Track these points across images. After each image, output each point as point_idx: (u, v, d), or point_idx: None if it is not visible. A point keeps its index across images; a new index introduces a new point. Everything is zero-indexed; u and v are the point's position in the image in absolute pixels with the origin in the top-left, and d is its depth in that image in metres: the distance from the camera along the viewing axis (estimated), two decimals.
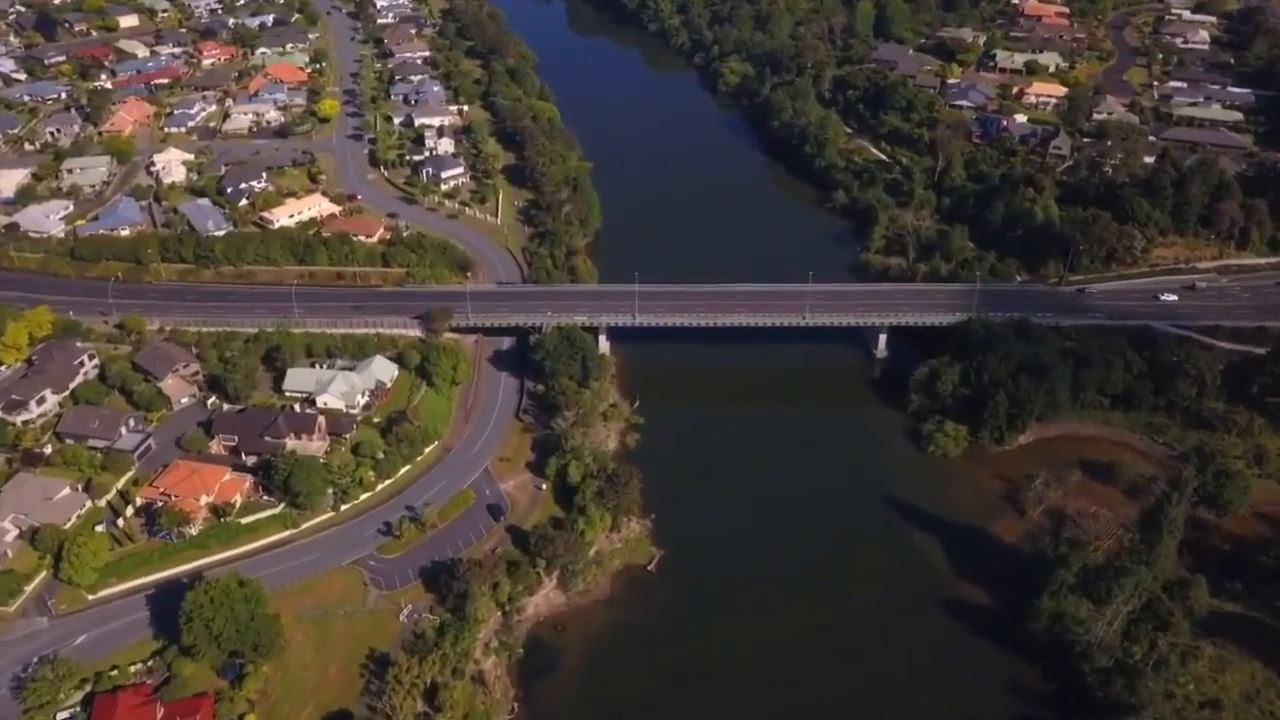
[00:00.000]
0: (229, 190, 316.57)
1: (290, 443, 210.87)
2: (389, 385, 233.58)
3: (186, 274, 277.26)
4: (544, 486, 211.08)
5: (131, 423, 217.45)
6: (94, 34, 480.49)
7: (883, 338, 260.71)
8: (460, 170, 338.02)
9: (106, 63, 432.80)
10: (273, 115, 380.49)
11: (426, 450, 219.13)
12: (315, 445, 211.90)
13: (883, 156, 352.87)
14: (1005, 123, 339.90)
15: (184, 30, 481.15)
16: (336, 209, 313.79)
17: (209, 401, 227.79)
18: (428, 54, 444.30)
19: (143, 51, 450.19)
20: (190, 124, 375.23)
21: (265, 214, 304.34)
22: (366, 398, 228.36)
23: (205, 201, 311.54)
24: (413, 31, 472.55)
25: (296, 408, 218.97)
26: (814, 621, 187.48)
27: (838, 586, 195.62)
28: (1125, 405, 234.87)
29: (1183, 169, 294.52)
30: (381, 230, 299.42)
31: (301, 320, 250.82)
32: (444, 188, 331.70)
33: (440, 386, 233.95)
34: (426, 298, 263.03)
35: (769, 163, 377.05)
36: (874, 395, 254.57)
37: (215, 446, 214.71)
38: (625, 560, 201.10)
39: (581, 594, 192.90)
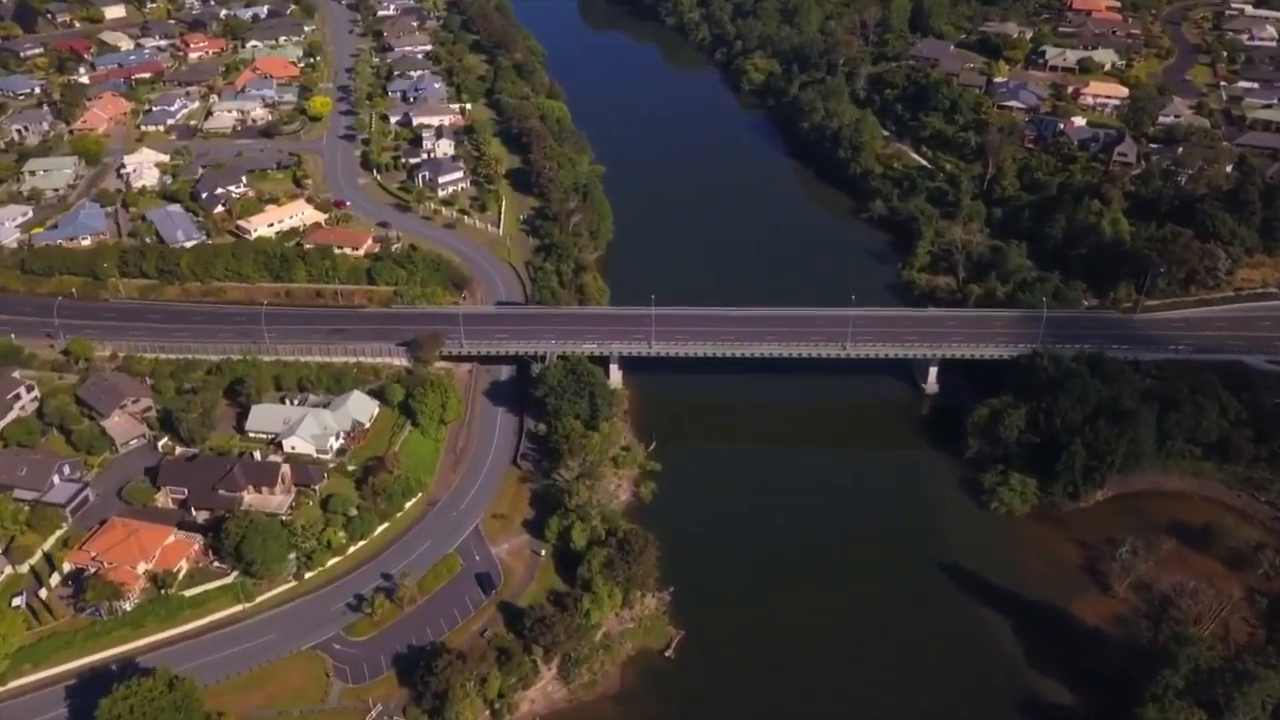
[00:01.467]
0: (204, 196, 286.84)
1: (248, 497, 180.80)
2: (367, 425, 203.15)
3: (148, 291, 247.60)
4: (543, 552, 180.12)
5: (66, 469, 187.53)
6: (77, 25, 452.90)
7: (933, 371, 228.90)
8: (459, 175, 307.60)
9: (86, 56, 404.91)
10: (259, 113, 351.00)
11: (408, 505, 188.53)
12: (277, 500, 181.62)
13: (924, 162, 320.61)
14: (1063, 126, 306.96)
15: (172, 22, 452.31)
16: (321, 217, 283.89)
17: (160, 443, 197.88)
18: (429, 48, 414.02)
19: (126, 44, 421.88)
20: (170, 122, 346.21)
21: (242, 222, 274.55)
22: (340, 440, 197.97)
23: (177, 208, 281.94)
24: (414, 24, 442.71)
25: (257, 455, 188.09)
26: None
27: (890, 677, 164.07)
28: (1220, 456, 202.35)
29: (1267, 179, 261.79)
30: (369, 242, 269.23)
31: (272, 347, 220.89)
32: (441, 194, 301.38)
33: (426, 426, 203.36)
34: (415, 320, 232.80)
35: (798, 168, 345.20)
36: (923, 436, 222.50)
37: (162, 499, 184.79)
38: (639, 644, 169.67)
39: (586, 687, 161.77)
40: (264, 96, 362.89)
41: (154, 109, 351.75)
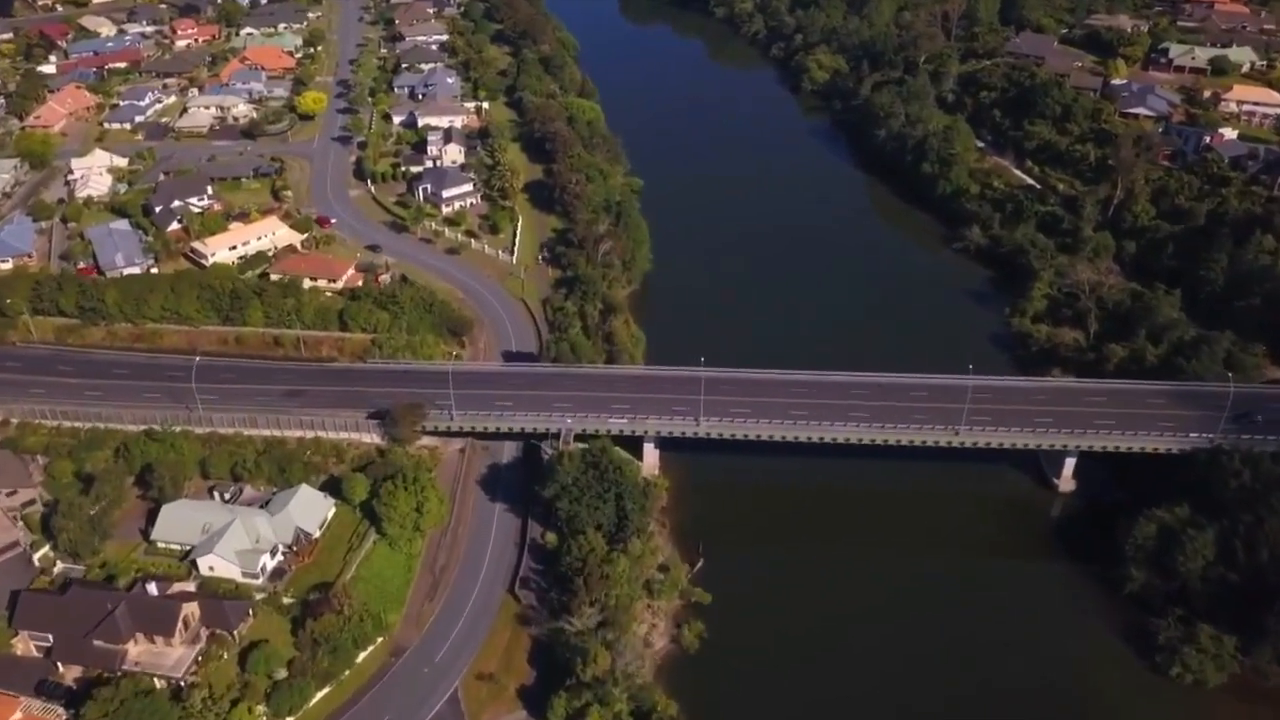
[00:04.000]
0: (158, 210, 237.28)
1: (134, 649, 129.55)
2: (317, 535, 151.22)
3: (68, 332, 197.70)
4: None
5: None
6: (59, 9, 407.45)
7: (1070, 463, 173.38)
8: (468, 188, 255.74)
9: (60, 42, 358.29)
10: (241, 110, 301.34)
11: (362, 656, 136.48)
12: (176, 654, 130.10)
13: (1030, 180, 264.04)
14: (1209, 139, 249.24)
15: (164, 6, 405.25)
16: (298, 238, 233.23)
17: (38, 555, 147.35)
18: (445, 38, 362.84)
19: (108, 29, 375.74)
20: (138, 119, 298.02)
21: (198, 244, 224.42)
22: (279, 558, 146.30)
23: (123, 224, 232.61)
24: (430, 11, 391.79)
25: (152, 588, 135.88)
26: None
27: None
28: None
29: None
30: (350, 272, 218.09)
31: (205, 415, 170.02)
32: (445, 210, 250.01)
33: (396, 537, 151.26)
34: (396, 380, 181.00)
35: (872, 184, 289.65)
36: (1056, 549, 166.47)
37: (20, 646, 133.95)
38: None
39: None
40: (250, 91, 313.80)
41: (122, 104, 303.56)
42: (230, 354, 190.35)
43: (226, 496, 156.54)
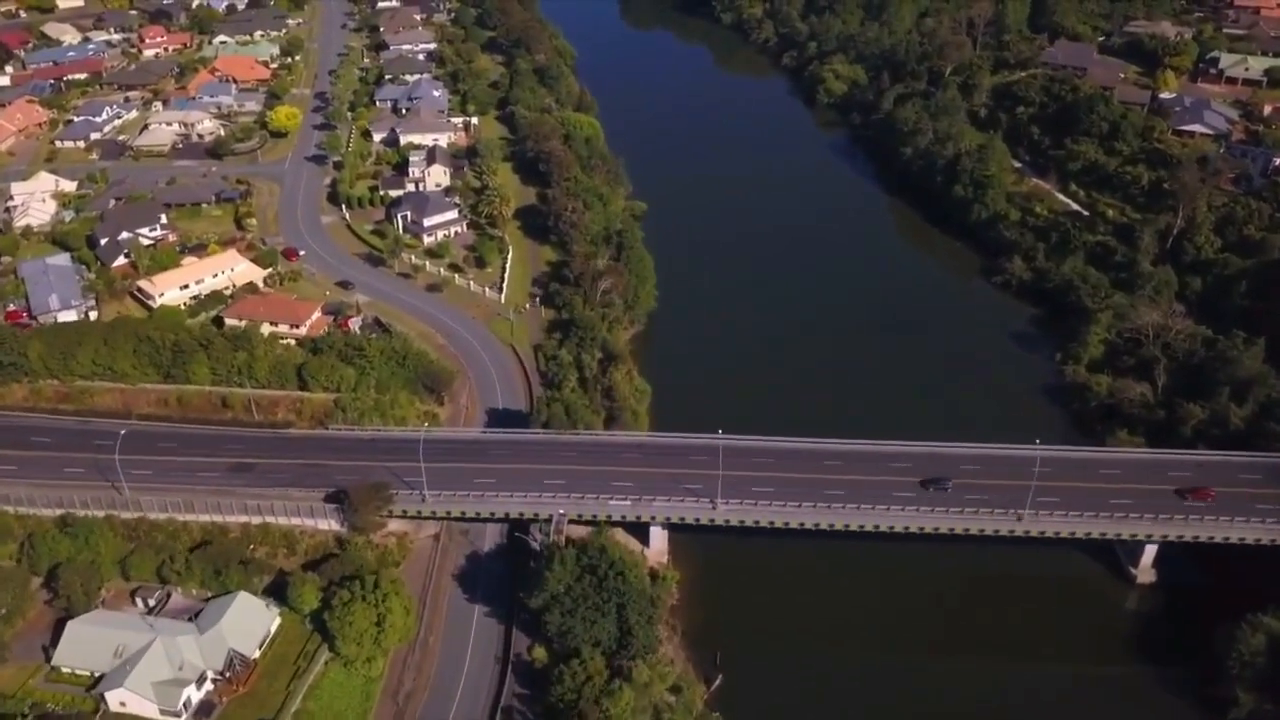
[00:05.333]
0: (103, 242, 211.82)
1: None
2: (255, 656, 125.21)
3: None
4: None
5: None
6: (23, 14, 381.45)
7: (1151, 550, 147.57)
8: (453, 215, 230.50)
9: (18, 51, 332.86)
10: (207, 126, 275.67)
11: None
12: None
13: (1075, 206, 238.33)
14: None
15: (134, 12, 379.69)
16: (260, 275, 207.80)
17: None
18: (432, 47, 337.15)
19: (72, 37, 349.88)
20: (94, 135, 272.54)
21: (146, 283, 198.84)
22: (206, 688, 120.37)
23: (63, 259, 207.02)
24: (418, 17, 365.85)
25: None
26: None
27: None
28: None
29: None
30: (316, 315, 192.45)
31: (134, 497, 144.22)
32: (427, 240, 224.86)
33: (353, 656, 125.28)
34: (360, 450, 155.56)
35: (898, 208, 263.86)
36: (1135, 653, 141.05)
37: None
38: None
39: None
40: (219, 105, 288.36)
41: (76, 119, 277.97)
42: (170, 417, 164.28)
43: (151, 603, 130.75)
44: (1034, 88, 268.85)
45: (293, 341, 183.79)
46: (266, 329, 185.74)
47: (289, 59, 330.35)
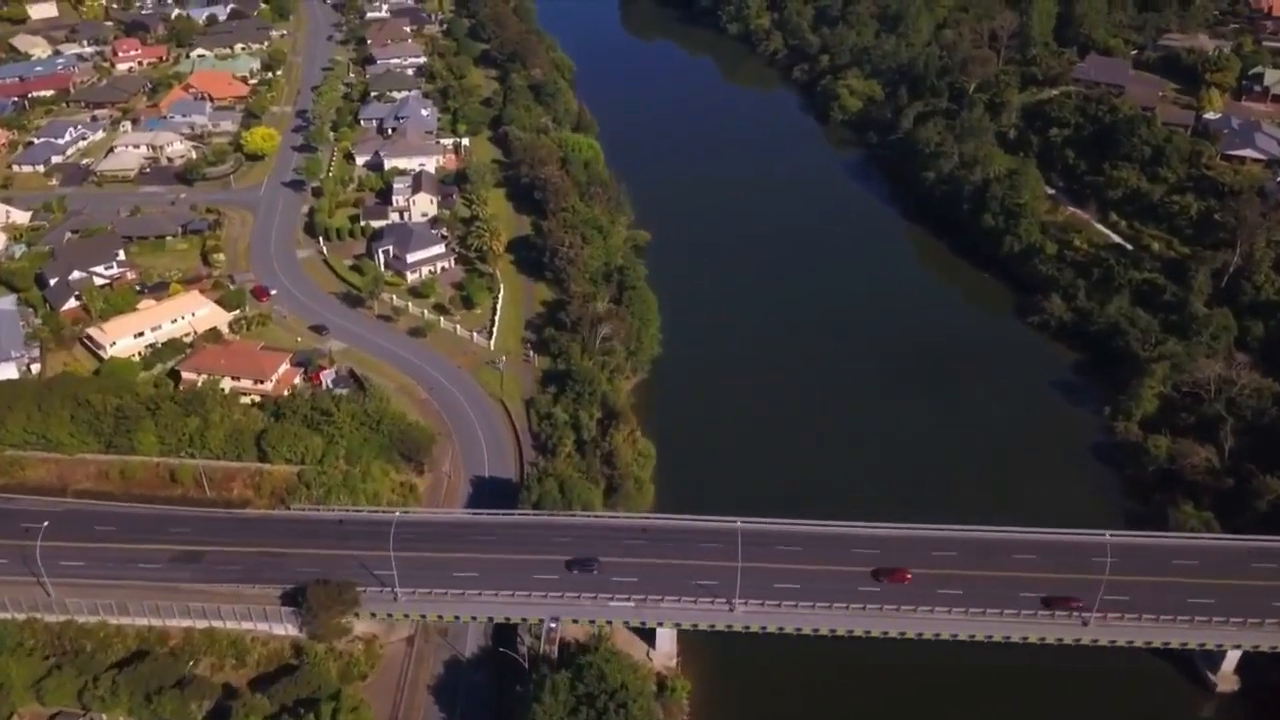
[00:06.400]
0: (53, 282, 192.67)
1: None
2: None
3: None
4: None
5: None
6: None
7: (1234, 655, 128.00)
8: (439, 250, 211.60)
9: None
10: (177, 149, 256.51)
11: None
12: None
13: (1116, 238, 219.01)
14: None
15: (109, 24, 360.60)
16: (225, 319, 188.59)
17: None
18: (422, 60, 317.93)
19: (42, 50, 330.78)
20: (56, 159, 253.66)
21: (96, 331, 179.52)
22: None
23: (7, 302, 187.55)
24: (408, 29, 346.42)
25: None
26: None
27: None
28: None
29: None
30: (284, 367, 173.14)
31: (59, 600, 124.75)
32: (411, 278, 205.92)
33: None
34: (325, 536, 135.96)
35: (920, 237, 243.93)
36: None
37: None
38: None
39: None
40: (192, 124, 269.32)
41: (37, 141, 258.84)
42: (111, 493, 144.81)
43: None
44: (1067, 107, 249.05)
45: (257, 398, 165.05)
46: (228, 384, 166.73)
47: (270, 73, 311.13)
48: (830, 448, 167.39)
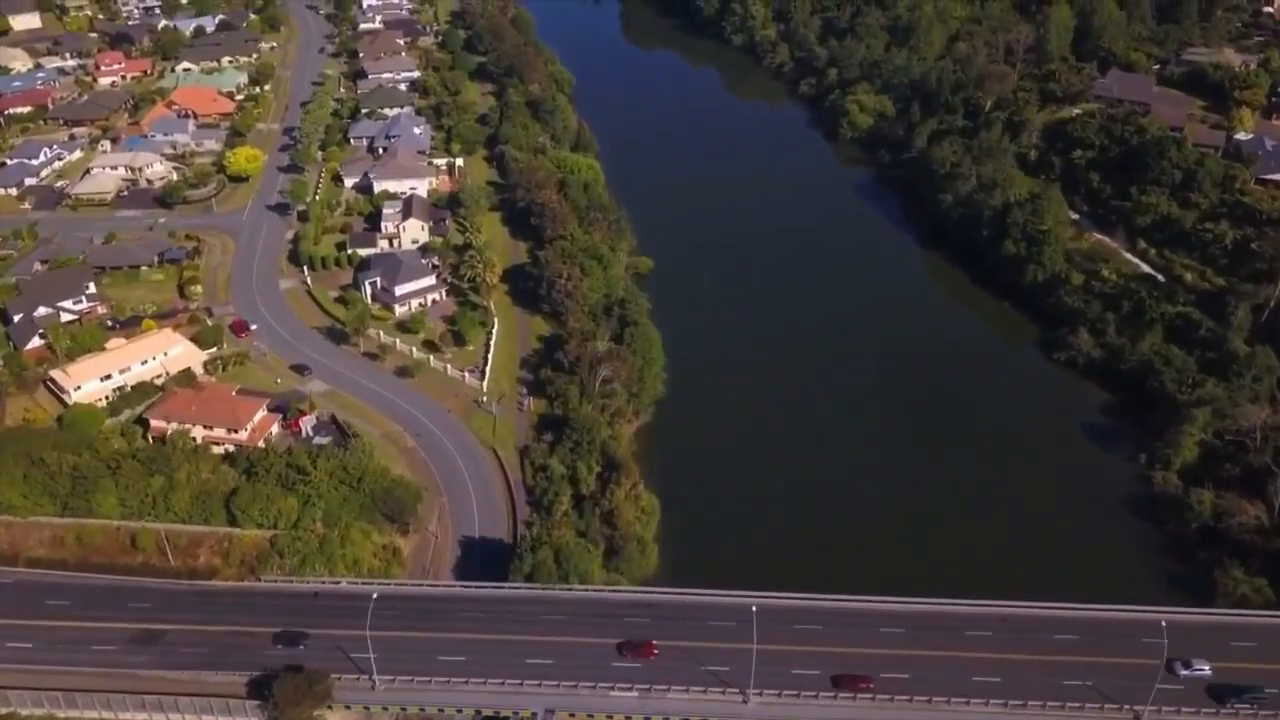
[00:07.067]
0: (16, 319, 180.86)
1: None
2: None
3: None
4: None
5: None
6: None
7: None
8: (430, 281, 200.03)
9: None
10: (157, 170, 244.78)
11: None
12: None
13: (1146, 267, 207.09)
14: None
15: (94, 35, 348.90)
16: (200, 359, 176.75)
17: None
18: (416, 75, 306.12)
19: (23, 64, 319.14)
20: (29, 181, 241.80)
21: (59, 373, 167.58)
22: None
23: None
24: (402, 42, 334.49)
25: None
26: None
27: None
28: None
29: None
30: (261, 414, 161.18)
31: (0, 695, 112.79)
32: (399, 311, 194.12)
33: None
34: (298, 611, 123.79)
35: (937, 265, 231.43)
36: None
37: None
38: None
39: None
40: (174, 143, 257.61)
41: (10, 162, 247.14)
42: (66, 561, 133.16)
43: None
44: (1091, 128, 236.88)
45: (230, 448, 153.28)
46: (200, 433, 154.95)
47: (258, 88, 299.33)
48: (848, 502, 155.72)
